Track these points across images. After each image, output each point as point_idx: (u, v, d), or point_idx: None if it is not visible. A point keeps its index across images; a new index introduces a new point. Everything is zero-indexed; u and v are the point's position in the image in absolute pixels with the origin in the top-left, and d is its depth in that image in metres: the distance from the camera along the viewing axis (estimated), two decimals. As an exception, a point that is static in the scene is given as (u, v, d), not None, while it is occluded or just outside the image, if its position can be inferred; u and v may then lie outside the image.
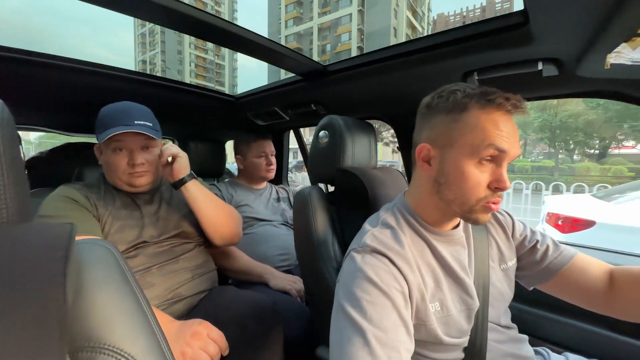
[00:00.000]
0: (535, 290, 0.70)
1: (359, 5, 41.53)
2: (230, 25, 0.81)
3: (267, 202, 1.49)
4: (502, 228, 0.70)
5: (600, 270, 0.63)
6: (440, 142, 0.55)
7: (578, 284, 0.64)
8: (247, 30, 0.85)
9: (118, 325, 0.34)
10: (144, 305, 0.38)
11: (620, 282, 0.60)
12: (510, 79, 0.82)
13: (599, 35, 0.56)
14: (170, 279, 0.88)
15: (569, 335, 0.93)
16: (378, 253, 0.53)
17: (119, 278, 0.37)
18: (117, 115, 0.85)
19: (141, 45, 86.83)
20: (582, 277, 0.63)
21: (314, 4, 46.76)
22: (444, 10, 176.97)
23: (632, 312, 0.59)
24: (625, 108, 14.38)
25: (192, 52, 79.37)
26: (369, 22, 41.72)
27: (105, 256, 0.38)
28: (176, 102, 1.38)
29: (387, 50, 0.94)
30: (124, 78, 1.11)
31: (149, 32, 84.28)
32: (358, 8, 41.60)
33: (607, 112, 16.39)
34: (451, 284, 0.58)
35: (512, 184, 6.01)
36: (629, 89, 0.74)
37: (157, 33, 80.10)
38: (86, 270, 0.34)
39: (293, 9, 49.50)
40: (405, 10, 43.53)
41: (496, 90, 0.51)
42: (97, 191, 0.90)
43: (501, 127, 0.50)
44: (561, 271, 0.64)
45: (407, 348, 0.47)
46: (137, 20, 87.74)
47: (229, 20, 0.87)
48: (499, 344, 0.62)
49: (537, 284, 0.69)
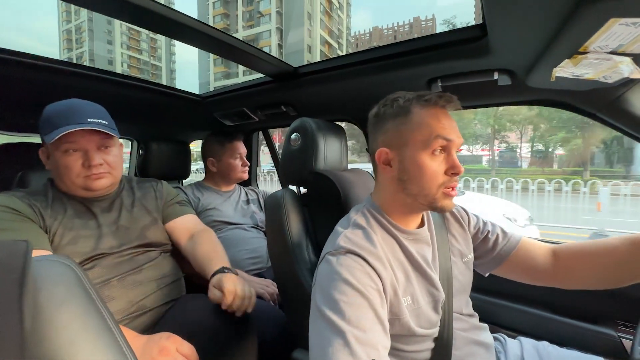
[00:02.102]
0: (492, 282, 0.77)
1: (277, 23, 50.68)
2: (199, 24, 0.78)
3: (236, 205, 1.45)
4: (458, 223, 0.76)
5: (543, 250, 0.73)
6: (395, 144, 0.61)
7: (525, 264, 0.73)
8: (217, 30, 0.82)
9: (83, 347, 0.32)
10: (110, 323, 0.36)
11: (562, 257, 0.71)
12: (469, 86, 0.89)
13: (546, 51, 0.63)
14: (133, 290, 0.82)
15: (521, 321, 1.03)
16: (352, 254, 0.55)
17: (80, 296, 0.34)
18: (67, 113, 0.77)
19: (67, 42, 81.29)
20: (528, 258, 0.73)
21: (239, 17, 54.36)
22: (379, 24, 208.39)
23: (573, 280, 0.70)
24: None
25: (125, 52, 77.11)
26: (286, 39, 51.16)
27: (64, 273, 0.35)
28: (135, 101, 1.28)
29: (357, 55, 0.96)
30: (72, 73, 1.01)
31: (75, 29, 79.68)
32: (277, 25, 50.72)
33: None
34: (419, 278, 0.62)
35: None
36: (570, 99, 0.84)
37: (84, 31, 76.28)
38: (44, 290, 0.31)
39: (220, 19, 57.34)
40: (319, 30, 53.48)
41: (430, 92, 0.60)
42: (44, 199, 0.81)
43: (442, 121, 0.58)
44: (510, 255, 0.74)
45: (384, 345, 0.48)
46: (61, 15, 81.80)
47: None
48: (463, 332, 0.66)
49: (491, 270, 0.78)
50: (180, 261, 1.01)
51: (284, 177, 0.96)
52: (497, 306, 1.07)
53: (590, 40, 0.52)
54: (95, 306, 0.35)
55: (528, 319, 1.02)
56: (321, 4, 54.54)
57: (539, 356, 0.72)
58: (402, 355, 0.59)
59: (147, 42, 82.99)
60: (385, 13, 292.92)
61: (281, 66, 1.05)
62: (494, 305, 1.07)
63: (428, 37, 0.82)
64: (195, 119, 1.59)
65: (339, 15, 63.16)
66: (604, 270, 0.66)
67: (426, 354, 0.61)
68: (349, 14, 71.18)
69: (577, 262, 0.69)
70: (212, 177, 1.49)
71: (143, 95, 1.26)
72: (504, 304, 1.06)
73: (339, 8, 62.99)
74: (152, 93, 1.26)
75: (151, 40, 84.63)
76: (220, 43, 0.85)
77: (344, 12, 65.80)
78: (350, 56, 0.97)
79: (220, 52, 0.93)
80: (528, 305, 1.03)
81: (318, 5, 53.05)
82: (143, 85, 1.20)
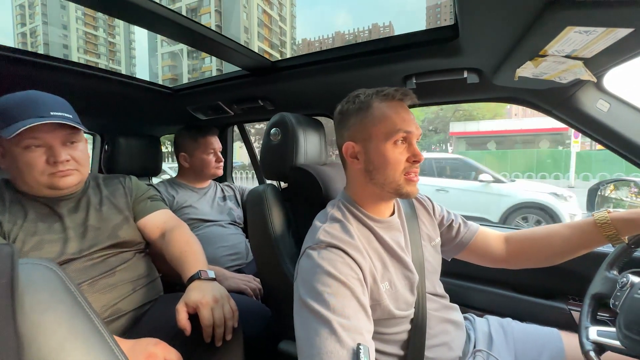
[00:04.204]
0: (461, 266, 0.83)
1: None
2: (172, 14, 0.74)
3: (213, 202, 1.42)
4: (426, 210, 0.82)
5: (497, 237, 0.83)
6: (359, 137, 0.65)
7: (482, 250, 0.82)
8: (190, 20, 0.78)
9: (72, 351, 0.31)
10: (99, 325, 0.35)
11: (512, 242, 0.82)
12: (441, 83, 0.94)
13: (511, 52, 0.68)
14: (106, 294, 0.78)
15: (487, 300, 1.12)
16: (332, 247, 0.57)
17: (66, 299, 0.33)
18: (26, 106, 0.70)
19: (20, 17, 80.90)
20: (485, 244, 0.82)
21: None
22: (341, 30, 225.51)
23: (522, 260, 0.81)
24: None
25: (80, 28, 77.76)
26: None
27: (48, 277, 0.33)
28: (99, 93, 1.20)
29: (334, 51, 0.97)
30: (26, 62, 0.91)
31: (28, 5, 79.73)
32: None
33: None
34: (395, 263, 0.66)
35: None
36: (531, 97, 0.92)
37: (37, 5, 76.94)
38: (28, 294, 0.29)
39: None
40: (257, 42, 63.11)
41: (387, 87, 0.65)
42: (0, 202, 0.74)
43: (401, 114, 0.63)
44: (470, 243, 0.82)
45: (368, 330, 0.52)
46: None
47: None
48: (436, 312, 0.72)
49: (454, 255, 0.87)
50: (156, 260, 0.98)
51: (264, 171, 0.96)
52: (466, 289, 1.16)
53: (549, 45, 0.58)
54: (82, 309, 0.34)
55: (493, 299, 1.11)
56: (258, 17, 65.09)
57: (504, 331, 0.80)
58: (383, 337, 0.63)
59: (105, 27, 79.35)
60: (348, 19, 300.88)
61: (258, 59, 1.03)
62: (463, 288, 1.16)
63: (404, 35, 0.86)
64: (166, 112, 1.52)
65: (281, 27, 74.36)
66: (549, 250, 0.76)
67: (404, 335, 0.65)
68: (293, 25, 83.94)
69: (525, 245, 0.80)
70: (185, 173, 1.43)
71: (108, 87, 1.17)
72: (472, 286, 1.15)
73: (281, 20, 74.46)
74: (118, 85, 1.18)
75: (109, 27, 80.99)
76: (193, 33, 0.81)
77: (287, 24, 77.59)
78: (329, 52, 0.98)
79: (192, 42, 0.89)
80: (493, 287, 1.12)
81: (255, 19, 63.31)
82: (107, 77, 1.12)
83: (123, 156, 1.44)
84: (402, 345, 0.65)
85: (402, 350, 0.65)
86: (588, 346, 0.58)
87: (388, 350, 0.64)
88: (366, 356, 0.45)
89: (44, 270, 0.33)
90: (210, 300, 0.72)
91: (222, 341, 0.72)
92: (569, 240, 0.74)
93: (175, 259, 0.85)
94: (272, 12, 71.57)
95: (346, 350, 0.46)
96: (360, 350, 0.45)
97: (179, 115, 1.54)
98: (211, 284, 0.77)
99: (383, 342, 0.63)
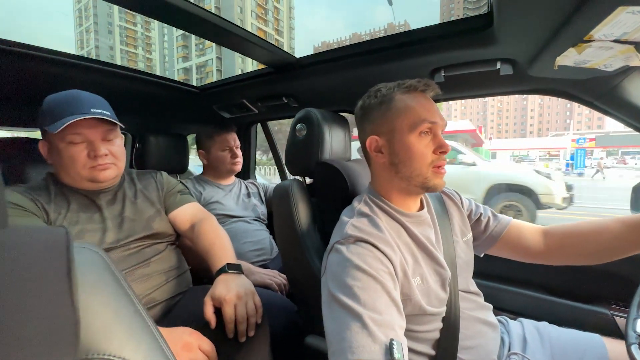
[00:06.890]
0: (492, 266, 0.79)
1: (216, 54, 72.56)
2: (197, 9, 0.75)
3: (238, 199, 1.45)
4: (455, 204, 0.79)
5: (534, 231, 0.78)
6: (383, 131, 0.64)
7: (517, 243, 0.78)
8: (216, 16, 0.80)
9: (117, 333, 0.31)
10: (140, 309, 0.36)
11: (553, 235, 0.76)
12: (472, 76, 0.90)
13: (552, 39, 0.64)
14: (142, 284, 0.82)
15: (521, 303, 1.07)
16: (361, 241, 0.56)
17: (111, 283, 0.34)
18: (69, 103, 0.75)
19: (78, 19, 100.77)
20: (519, 237, 0.78)
21: (192, 47, 78.43)
22: (357, 31, 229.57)
23: (563, 255, 0.75)
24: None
25: (122, 24, 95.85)
26: (224, 65, 73.38)
27: (95, 260, 0.34)
28: (132, 93, 1.26)
29: (359, 45, 0.96)
30: (69, 64, 0.98)
31: (84, 8, 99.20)
32: (216, 55, 72.92)
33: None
34: (426, 258, 0.64)
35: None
36: (570, 88, 0.86)
37: (90, 7, 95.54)
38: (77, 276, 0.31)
39: (181, 50, 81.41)
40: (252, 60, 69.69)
41: (409, 79, 0.64)
42: (46, 193, 0.79)
43: (424, 104, 0.62)
44: (502, 236, 0.78)
45: (400, 325, 0.50)
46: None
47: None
48: (471, 312, 0.69)
49: (486, 250, 0.82)
50: (186, 254, 1.01)
51: (290, 167, 0.96)
52: (497, 290, 1.11)
53: (596, 28, 0.54)
54: (125, 293, 0.35)
55: (527, 301, 1.06)
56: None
57: (540, 335, 0.76)
58: (414, 335, 0.62)
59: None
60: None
61: (283, 56, 1.04)
62: (495, 289, 1.11)
63: (433, 27, 0.83)
64: (193, 111, 1.57)
65: (277, 40, 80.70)
66: (596, 246, 0.70)
67: (435, 334, 0.63)
68: (291, 36, 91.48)
69: (566, 239, 0.74)
70: (206, 170, 1.48)
71: (140, 88, 1.23)
72: (504, 287, 1.10)
73: (279, 34, 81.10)
74: (150, 85, 1.23)
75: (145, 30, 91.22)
76: (216, 28, 0.82)
77: (285, 37, 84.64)
78: (353, 47, 0.97)
79: (215, 38, 0.90)
80: (527, 288, 1.07)
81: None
82: (140, 77, 1.17)
83: (152, 154, 1.50)
84: (434, 345, 0.63)
85: (434, 349, 0.63)
86: (632, 339, 0.52)
87: (419, 348, 0.62)
88: (399, 352, 0.44)
89: (90, 253, 0.35)
90: (233, 297, 0.73)
91: (245, 337, 0.73)
92: (620, 237, 0.67)
93: (205, 251, 0.88)
94: (267, 28, 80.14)
95: (378, 345, 0.45)
96: (393, 346, 0.44)
97: (205, 114, 1.58)
98: (238, 278, 0.79)
99: (413, 339, 0.62)
